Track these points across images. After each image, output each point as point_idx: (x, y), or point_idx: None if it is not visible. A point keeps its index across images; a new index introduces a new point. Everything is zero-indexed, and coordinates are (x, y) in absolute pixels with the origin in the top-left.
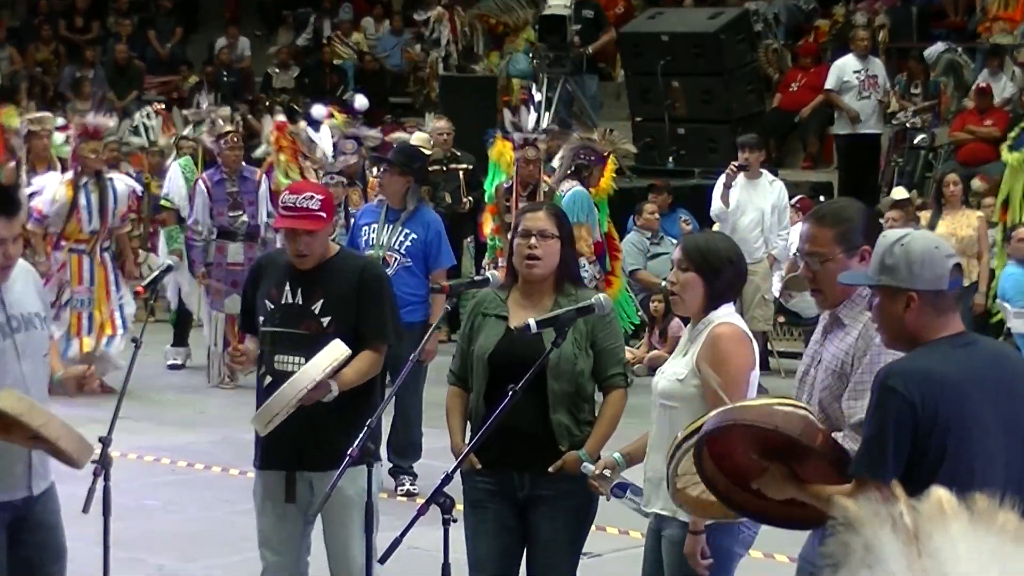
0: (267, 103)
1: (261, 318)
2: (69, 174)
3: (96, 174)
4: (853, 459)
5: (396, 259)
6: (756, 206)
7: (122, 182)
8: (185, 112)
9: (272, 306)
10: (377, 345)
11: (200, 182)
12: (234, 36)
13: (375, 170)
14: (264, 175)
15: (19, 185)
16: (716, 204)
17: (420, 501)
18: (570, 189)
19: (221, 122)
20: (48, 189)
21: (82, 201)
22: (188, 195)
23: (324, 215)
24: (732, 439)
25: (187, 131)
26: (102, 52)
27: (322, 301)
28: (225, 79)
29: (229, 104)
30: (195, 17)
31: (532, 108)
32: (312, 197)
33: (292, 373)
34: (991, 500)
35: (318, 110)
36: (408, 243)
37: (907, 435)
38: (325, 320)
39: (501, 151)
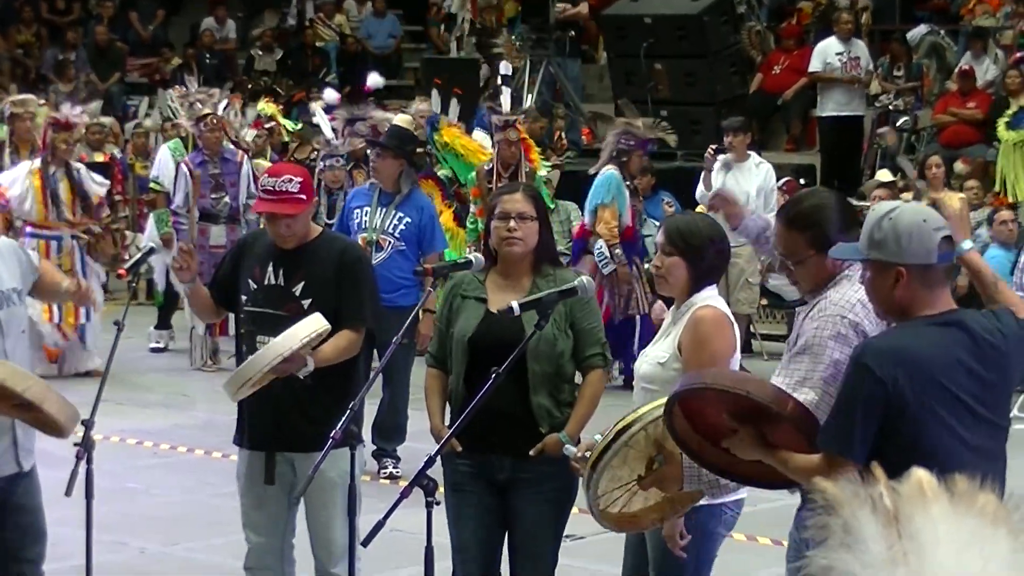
0: (249, 85)
1: (244, 297)
2: (37, 162)
3: (65, 165)
4: (820, 430)
5: (390, 242)
6: (742, 189)
7: (92, 181)
8: (172, 92)
9: (255, 286)
10: (356, 326)
11: (183, 165)
12: (222, 17)
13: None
14: (245, 156)
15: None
16: (699, 188)
17: (403, 484)
18: (603, 172)
19: (199, 105)
20: (14, 176)
21: (49, 190)
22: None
23: (304, 197)
24: (704, 400)
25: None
26: (84, 34)
27: (303, 283)
28: (208, 61)
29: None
30: None
31: (509, 89)
32: (291, 180)
33: None
34: (971, 482)
35: (330, 95)
36: (402, 227)
37: (876, 414)
38: (306, 302)
39: (451, 136)
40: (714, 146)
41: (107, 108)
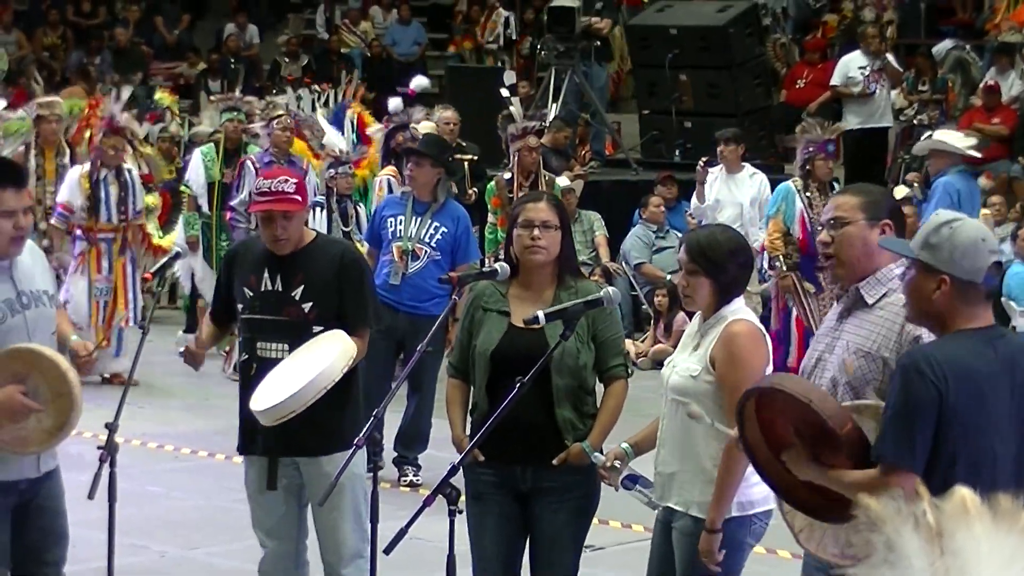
0: (274, 91)
1: (240, 305)
2: (86, 166)
3: (116, 169)
4: (875, 443)
5: (426, 252)
6: (735, 200)
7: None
8: (213, 98)
9: (251, 293)
10: (361, 330)
11: (248, 163)
12: (242, 23)
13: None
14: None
15: (26, 168)
16: (693, 200)
17: (424, 492)
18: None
19: (272, 106)
20: (68, 185)
21: (100, 195)
22: (206, 182)
23: (299, 198)
24: (775, 411)
25: (215, 118)
26: (109, 37)
27: (303, 287)
28: (232, 66)
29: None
30: (203, 4)
31: (517, 98)
32: (287, 180)
33: (276, 360)
34: (1014, 500)
35: (395, 102)
36: (439, 236)
37: (932, 420)
38: (307, 306)
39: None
40: (704, 159)
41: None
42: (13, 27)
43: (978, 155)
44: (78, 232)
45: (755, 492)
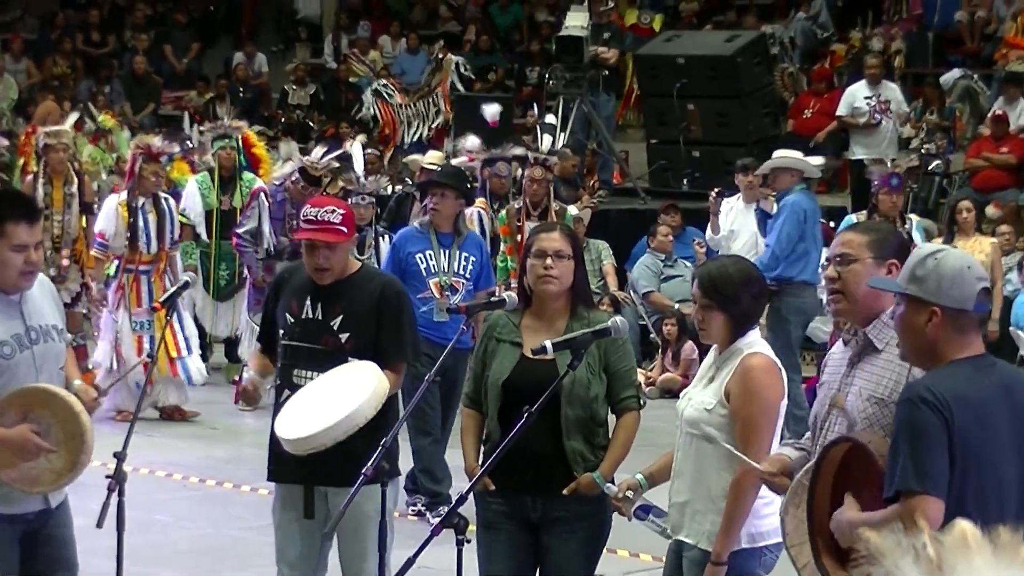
0: (282, 120)
1: (281, 331)
2: (123, 195)
3: (154, 196)
4: (889, 479)
5: (462, 284)
6: (749, 230)
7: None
8: (202, 128)
9: (292, 320)
10: (397, 364)
11: (261, 194)
12: (251, 52)
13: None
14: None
15: (35, 197)
16: (708, 231)
17: (433, 521)
18: (913, 222)
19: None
20: (106, 214)
21: (140, 224)
22: (204, 210)
23: (344, 229)
24: (850, 465)
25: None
26: (119, 66)
27: (341, 317)
28: (241, 95)
29: (248, 120)
30: (212, 32)
31: (545, 129)
32: (334, 211)
33: None
34: (1014, 533)
35: (472, 141)
36: (470, 267)
37: (945, 445)
38: (344, 336)
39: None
40: (717, 190)
41: None
42: (23, 56)
43: (820, 175)
44: (116, 262)
45: (766, 524)
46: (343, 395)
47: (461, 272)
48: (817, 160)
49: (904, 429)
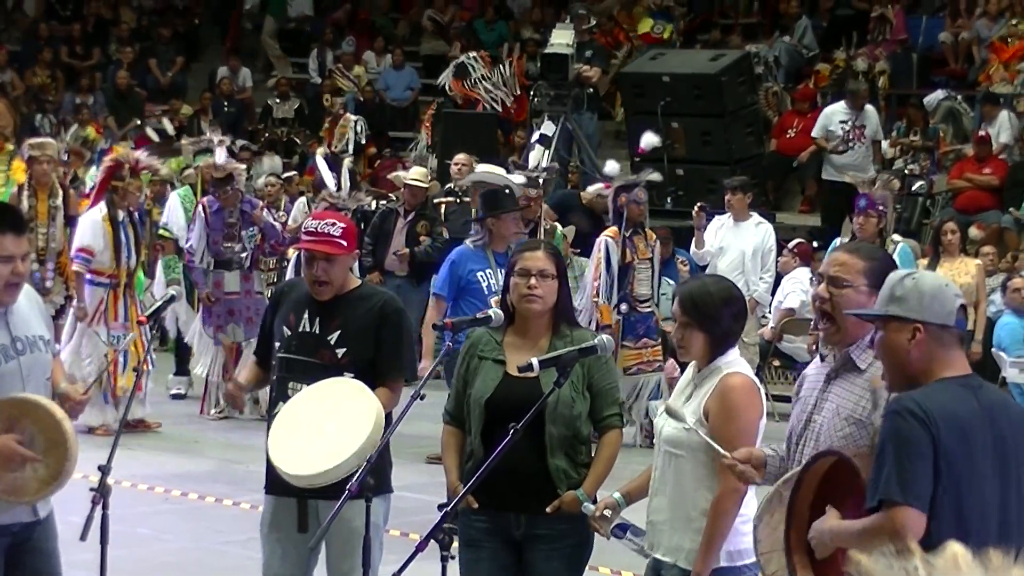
0: (266, 135)
1: (277, 344)
2: (102, 209)
3: (128, 211)
4: (872, 488)
5: None
6: (737, 248)
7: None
8: (184, 141)
9: (288, 332)
10: (394, 381)
11: (200, 207)
12: (235, 66)
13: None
14: (264, 207)
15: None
16: (692, 248)
17: (416, 537)
18: (899, 243)
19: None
20: (86, 227)
21: (121, 238)
22: (187, 224)
23: (344, 243)
24: (831, 491)
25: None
26: (102, 79)
27: (339, 332)
28: (226, 109)
29: (230, 134)
30: (196, 46)
31: (535, 146)
32: (334, 224)
33: None
34: (1005, 556)
35: (612, 166)
36: None
37: (930, 459)
38: (340, 351)
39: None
40: (700, 204)
41: None
42: (6, 67)
43: (520, 194)
44: (94, 277)
45: (745, 542)
46: (345, 426)
47: None
48: (518, 179)
49: (890, 440)
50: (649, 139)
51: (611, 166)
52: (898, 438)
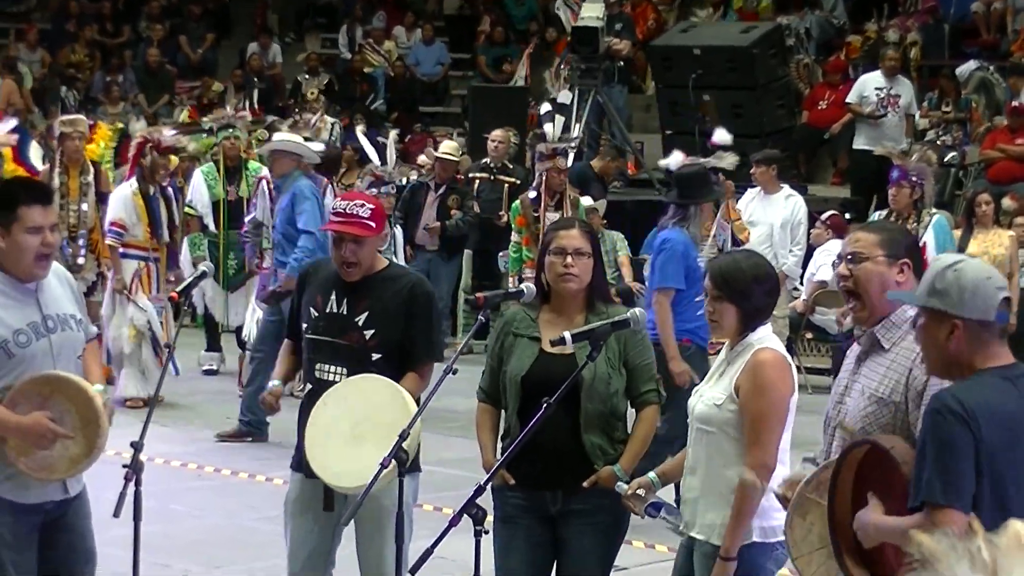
0: (296, 110)
1: (304, 324)
2: (132, 184)
3: (160, 186)
4: (915, 488)
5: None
6: (767, 221)
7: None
8: (207, 118)
9: (316, 313)
10: (425, 364)
11: (263, 183)
12: (266, 43)
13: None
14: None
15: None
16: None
17: (449, 512)
18: (935, 215)
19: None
20: (117, 202)
21: (155, 211)
22: (210, 201)
23: (373, 224)
24: (868, 479)
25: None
26: (133, 56)
27: (367, 314)
28: (256, 85)
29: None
30: (226, 23)
31: (555, 118)
32: (363, 205)
33: (331, 382)
34: None
35: (722, 135)
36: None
37: (972, 458)
38: (368, 333)
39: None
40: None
41: None
42: (38, 46)
43: (318, 161)
44: (127, 251)
45: (778, 519)
46: (385, 434)
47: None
48: (316, 146)
49: (931, 440)
50: (722, 135)
51: (675, 158)
52: (938, 438)
